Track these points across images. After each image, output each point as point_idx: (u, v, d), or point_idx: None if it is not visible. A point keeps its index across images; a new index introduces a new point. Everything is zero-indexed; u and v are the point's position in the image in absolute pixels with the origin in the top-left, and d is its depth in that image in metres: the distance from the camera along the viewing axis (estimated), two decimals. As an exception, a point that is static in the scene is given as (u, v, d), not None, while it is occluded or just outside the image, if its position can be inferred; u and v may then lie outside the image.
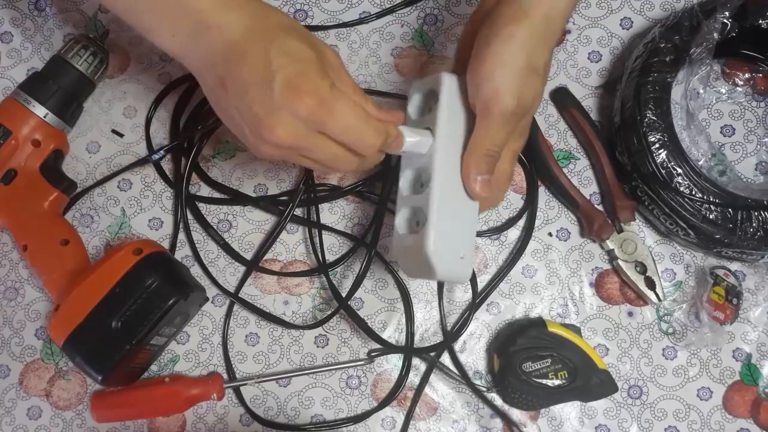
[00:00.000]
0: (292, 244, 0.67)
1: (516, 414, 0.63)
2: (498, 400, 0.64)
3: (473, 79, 0.48)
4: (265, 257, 0.66)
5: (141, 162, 0.67)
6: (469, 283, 0.64)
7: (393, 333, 0.65)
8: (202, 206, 0.67)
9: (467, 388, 0.63)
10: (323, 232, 0.66)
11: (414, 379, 0.64)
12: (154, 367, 0.65)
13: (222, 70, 0.46)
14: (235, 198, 0.67)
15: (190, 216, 0.67)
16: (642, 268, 0.64)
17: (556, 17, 0.47)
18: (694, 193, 0.61)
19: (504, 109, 0.47)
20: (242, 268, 0.66)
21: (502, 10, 0.47)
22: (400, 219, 0.52)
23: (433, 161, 0.49)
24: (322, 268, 0.65)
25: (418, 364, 0.64)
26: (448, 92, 0.50)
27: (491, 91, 0.47)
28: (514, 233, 0.67)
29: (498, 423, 0.63)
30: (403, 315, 0.65)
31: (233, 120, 0.48)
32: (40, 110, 0.63)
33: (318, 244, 0.66)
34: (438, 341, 0.64)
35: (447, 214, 0.49)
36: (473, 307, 0.63)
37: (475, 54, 0.48)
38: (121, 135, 0.68)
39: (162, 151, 0.67)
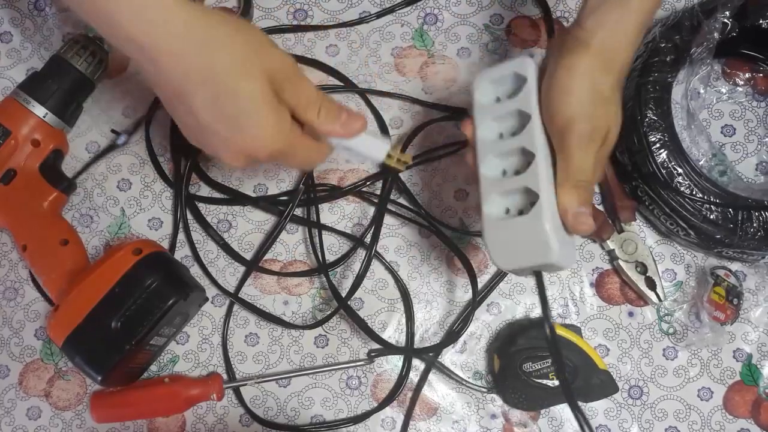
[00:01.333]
0: (292, 244, 0.67)
1: (516, 414, 0.63)
2: (498, 401, 0.63)
3: (547, 113, 0.49)
4: (265, 257, 0.66)
5: (111, 148, 0.67)
6: (469, 282, 0.64)
7: (393, 333, 0.65)
8: (201, 206, 0.67)
9: (467, 388, 0.63)
10: (323, 232, 0.66)
11: (414, 379, 0.64)
12: (153, 367, 0.65)
13: (174, 102, 0.47)
14: (235, 198, 0.67)
15: (189, 216, 0.67)
16: (642, 269, 0.64)
17: (615, 44, 0.48)
18: (694, 193, 0.60)
19: (581, 134, 0.47)
20: (242, 268, 0.66)
21: (565, 44, 0.49)
22: (493, 207, 0.50)
23: (534, 137, 0.49)
24: (322, 268, 0.65)
25: (419, 365, 0.64)
26: (533, 76, 0.50)
27: (564, 120, 0.47)
28: (514, 233, 0.66)
29: (498, 423, 0.63)
30: (403, 315, 0.65)
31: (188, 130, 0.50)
32: (39, 110, 0.63)
33: (318, 244, 0.65)
34: (438, 341, 0.64)
35: (552, 193, 0.48)
36: (474, 305, 0.63)
37: (543, 90, 0.49)
38: (120, 134, 0.68)
39: (124, 135, 0.67)
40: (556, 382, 0.61)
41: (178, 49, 0.44)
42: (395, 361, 0.64)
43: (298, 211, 0.67)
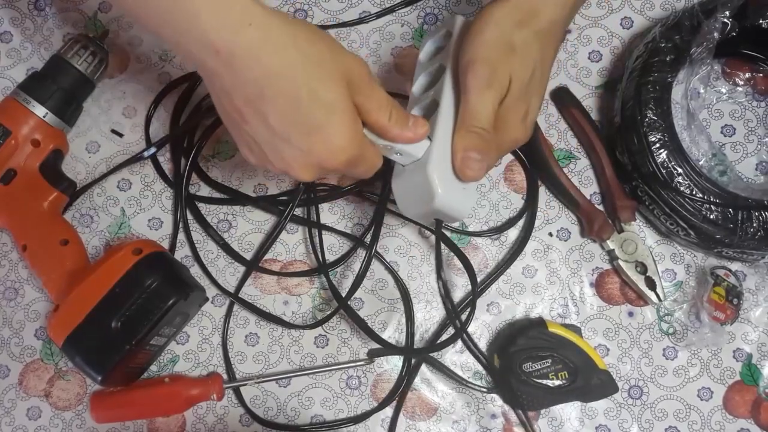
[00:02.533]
0: (292, 244, 0.67)
1: (516, 414, 0.63)
2: (498, 401, 0.63)
3: (456, 58, 0.51)
4: (265, 257, 0.66)
5: (134, 159, 0.67)
6: (468, 281, 0.64)
7: (393, 333, 0.65)
8: (201, 206, 0.67)
9: (467, 388, 0.63)
10: (323, 232, 0.66)
11: (414, 379, 0.64)
12: (154, 367, 0.65)
13: (245, 111, 0.45)
14: (235, 198, 0.67)
15: (189, 216, 0.67)
16: (642, 268, 0.64)
17: (540, 2, 0.49)
18: (694, 193, 0.60)
19: (476, 76, 0.49)
20: (242, 268, 0.66)
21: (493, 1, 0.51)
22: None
23: (443, 89, 0.51)
24: (322, 268, 0.65)
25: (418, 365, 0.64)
26: (459, 31, 0.53)
27: (466, 62, 0.49)
28: (514, 233, 0.66)
29: (498, 423, 0.63)
30: (403, 315, 0.65)
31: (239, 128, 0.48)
32: (39, 110, 0.63)
33: (318, 244, 0.65)
34: (438, 341, 0.64)
35: (448, 141, 0.49)
36: (474, 295, 0.62)
37: (465, 36, 0.51)
38: (120, 135, 0.68)
39: (154, 147, 0.66)
40: (557, 382, 0.61)
41: (259, 50, 0.42)
42: (395, 361, 0.64)
43: (298, 211, 0.67)
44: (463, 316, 0.62)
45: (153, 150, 0.67)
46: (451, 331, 0.64)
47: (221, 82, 0.44)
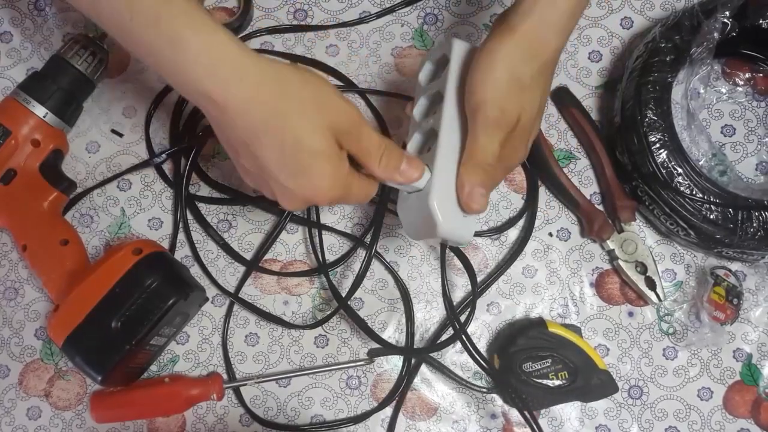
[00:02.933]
0: (292, 244, 0.67)
1: (516, 414, 0.63)
2: (498, 401, 0.63)
3: (465, 94, 0.51)
4: (265, 257, 0.66)
5: (143, 165, 0.67)
6: (468, 281, 0.64)
7: (393, 333, 0.65)
8: (201, 206, 0.67)
9: (467, 388, 0.63)
10: (323, 232, 0.66)
11: (414, 379, 0.64)
12: (154, 367, 0.65)
13: (239, 148, 0.48)
14: (235, 198, 0.67)
15: (189, 216, 0.67)
16: (642, 268, 0.64)
17: (545, 32, 0.49)
18: (694, 193, 0.60)
19: (487, 118, 0.49)
20: (242, 268, 0.66)
21: (494, 29, 0.50)
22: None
23: (442, 119, 0.51)
24: (322, 268, 0.65)
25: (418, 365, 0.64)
26: (458, 56, 0.52)
27: (476, 103, 0.49)
28: (514, 233, 0.66)
29: (498, 423, 0.63)
30: (403, 315, 0.65)
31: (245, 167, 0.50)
32: (39, 110, 0.63)
33: (318, 244, 0.65)
34: (438, 341, 0.64)
35: (451, 171, 0.50)
36: (474, 295, 0.62)
37: (468, 70, 0.51)
38: (120, 135, 0.68)
39: (164, 155, 0.67)
40: (557, 382, 0.61)
41: (249, 101, 0.44)
42: (395, 361, 0.64)
43: (298, 211, 0.67)
44: (463, 317, 0.62)
45: (163, 157, 0.67)
46: (451, 331, 0.64)
47: (218, 122, 0.47)
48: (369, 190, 0.52)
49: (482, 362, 0.57)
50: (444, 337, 0.64)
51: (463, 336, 0.56)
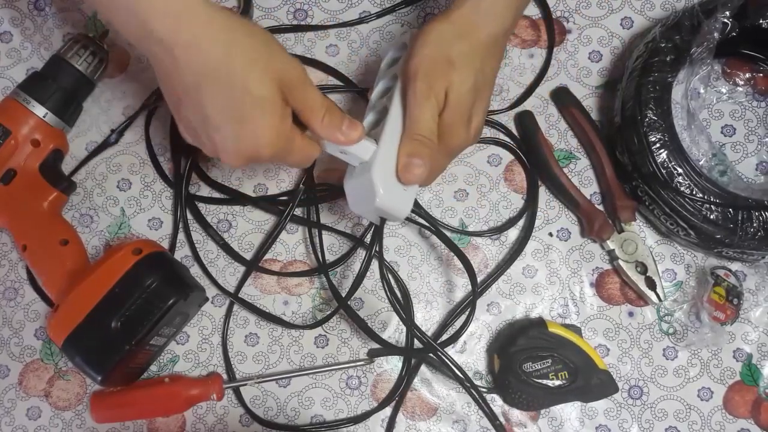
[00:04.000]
0: (292, 244, 0.67)
1: (516, 414, 0.63)
2: (498, 401, 0.63)
3: (401, 70, 0.54)
4: (265, 257, 0.66)
5: (105, 145, 0.67)
6: (468, 281, 0.64)
7: (393, 333, 0.65)
8: (201, 206, 0.67)
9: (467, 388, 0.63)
10: (323, 232, 0.66)
11: (414, 379, 0.64)
12: (153, 367, 0.65)
13: (183, 97, 0.48)
14: (235, 198, 0.67)
15: (189, 216, 0.67)
16: (642, 268, 0.64)
17: (476, 16, 0.52)
18: (694, 193, 0.60)
19: (416, 91, 0.52)
20: (242, 268, 0.66)
21: (435, 17, 0.54)
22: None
23: (393, 98, 0.55)
24: (322, 268, 0.65)
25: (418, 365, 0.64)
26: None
27: (407, 76, 0.53)
28: (514, 233, 0.66)
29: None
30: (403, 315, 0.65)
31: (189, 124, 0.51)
32: (39, 110, 0.63)
33: (318, 244, 0.65)
34: (438, 341, 0.64)
35: (393, 146, 0.53)
36: (475, 295, 0.62)
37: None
38: (115, 142, 0.68)
39: (115, 134, 0.67)
40: (557, 382, 0.61)
41: (199, 41, 0.45)
42: (395, 361, 0.64)
43: (298, 211, 0.67)
44: (463, 317, 0.62)
45: (115, 137, 0.67)
46: (451, 331, 0.64)
47: (164, 67, 0.47)
48: (310, 151, 0.53)
49: (460, 374, 0.59)
50: (444, 336, 0.64)
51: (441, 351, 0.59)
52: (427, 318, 0.65)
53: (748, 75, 0.68)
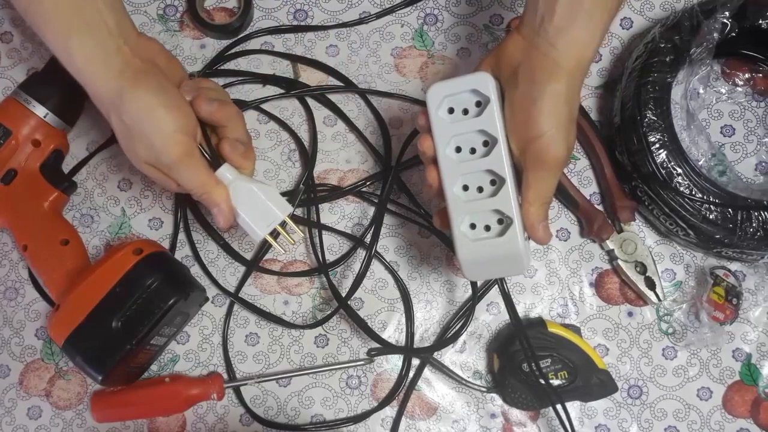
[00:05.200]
0: (292, 245, 0.67)
1: (516, 414, 0.63)
2: (498, 400, 0.64)
3: (521, 135, 0.50)
4: (265, 257, 0.66)
5: (105, 145, 0.66)
6: (468, 282, 0.65)
7: (393, 333, 0.65)
8: (202, 206, 0.67)
9: (467, 388, 0.63)
10: (323, 232, 0.66)
11: (414, 378, 0.64)
12: (154, 367, 0.65)
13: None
14: (235, 198, 0.67)
15: (190, 216, 0.67)
16: (642, 268, 0.64)
17: (587, 59, 0.49)
18: (694, 193, 0.61)
19: (558, 160, 0.49)
20: (242, 268, 0.66)
21: (537, 65, 0.48)
22: (465, 226, 0.52)
23: (504, 162, 0.50)
24: (322, 268, 0.65)
25: (417, 364, 0.64)
26: (495, 91, 0.50)
27: (544, 146, 0.48)
28: (514, 233, 0.67)
29: (498, 423, 0.63)
30: (403, 315, 0.65)
31: None
32: (40, 110, 0.63)
33: (318, 244, 0.66)
34: (438, 341, 0.64)
35: (518, 212, 0.51)
36: (474, 299, 0.63)
37: (520, 110, 0.49)
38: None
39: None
40: (556, 382, 0.61)
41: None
42: (395, 361, 0.64)
43: (298, 211, 0.67)
44: (463, 318, 0.62)
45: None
46: (451, 331, 0.64)
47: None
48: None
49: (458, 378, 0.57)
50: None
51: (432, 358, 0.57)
52: (427, 318, 0.65)
53: (747, 75, 0.68)
